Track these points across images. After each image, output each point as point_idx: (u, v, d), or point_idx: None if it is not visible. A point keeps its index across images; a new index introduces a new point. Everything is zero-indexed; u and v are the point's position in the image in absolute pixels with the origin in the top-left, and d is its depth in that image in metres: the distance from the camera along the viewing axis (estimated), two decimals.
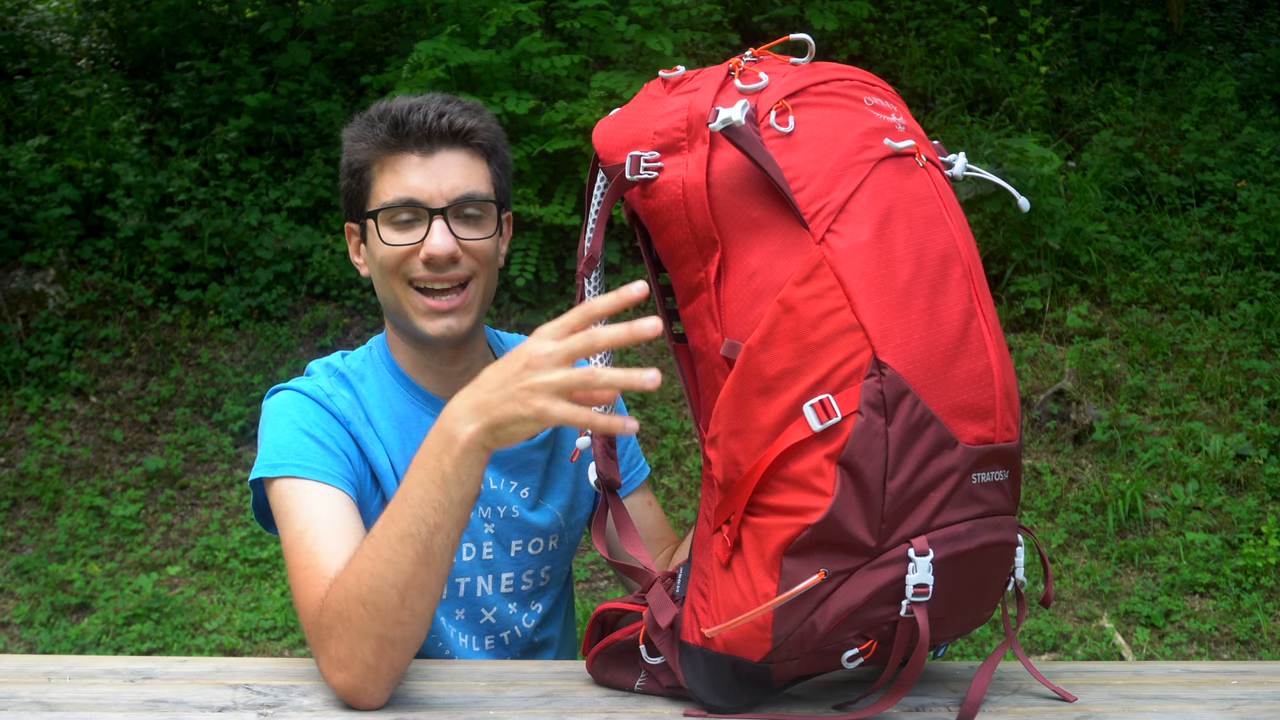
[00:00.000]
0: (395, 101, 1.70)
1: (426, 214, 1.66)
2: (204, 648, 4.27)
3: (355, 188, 1.72)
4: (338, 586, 1.40)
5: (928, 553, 1.24)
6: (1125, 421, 5.31)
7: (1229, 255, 6.32)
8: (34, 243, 5.97)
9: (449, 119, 1.67)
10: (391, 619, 1.36)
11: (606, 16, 6.03)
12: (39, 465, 5.22)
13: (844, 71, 1.38)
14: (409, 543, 1.35)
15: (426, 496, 1.35)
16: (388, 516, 1.38)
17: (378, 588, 1.36)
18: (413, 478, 1.37)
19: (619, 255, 6.16)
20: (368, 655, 1.36)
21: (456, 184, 1.67)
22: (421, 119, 1.66)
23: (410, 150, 1.67)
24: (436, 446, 1.35)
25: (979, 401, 1.27)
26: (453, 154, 1.68)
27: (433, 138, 1.67)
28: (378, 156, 1.68)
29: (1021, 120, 7.06)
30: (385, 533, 1.37)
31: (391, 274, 1.69)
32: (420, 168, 1.66)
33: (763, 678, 1.32)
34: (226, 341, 5.83)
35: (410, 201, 1.66)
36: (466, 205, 1.68)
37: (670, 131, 1.33)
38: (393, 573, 1.35)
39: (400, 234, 1.68)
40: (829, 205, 1.26)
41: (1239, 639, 4.29)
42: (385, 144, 1.67)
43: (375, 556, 1.37)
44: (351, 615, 1.37)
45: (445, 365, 1.76)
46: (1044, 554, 1.44)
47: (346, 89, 6.85)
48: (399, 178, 1.67)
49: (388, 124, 1.67)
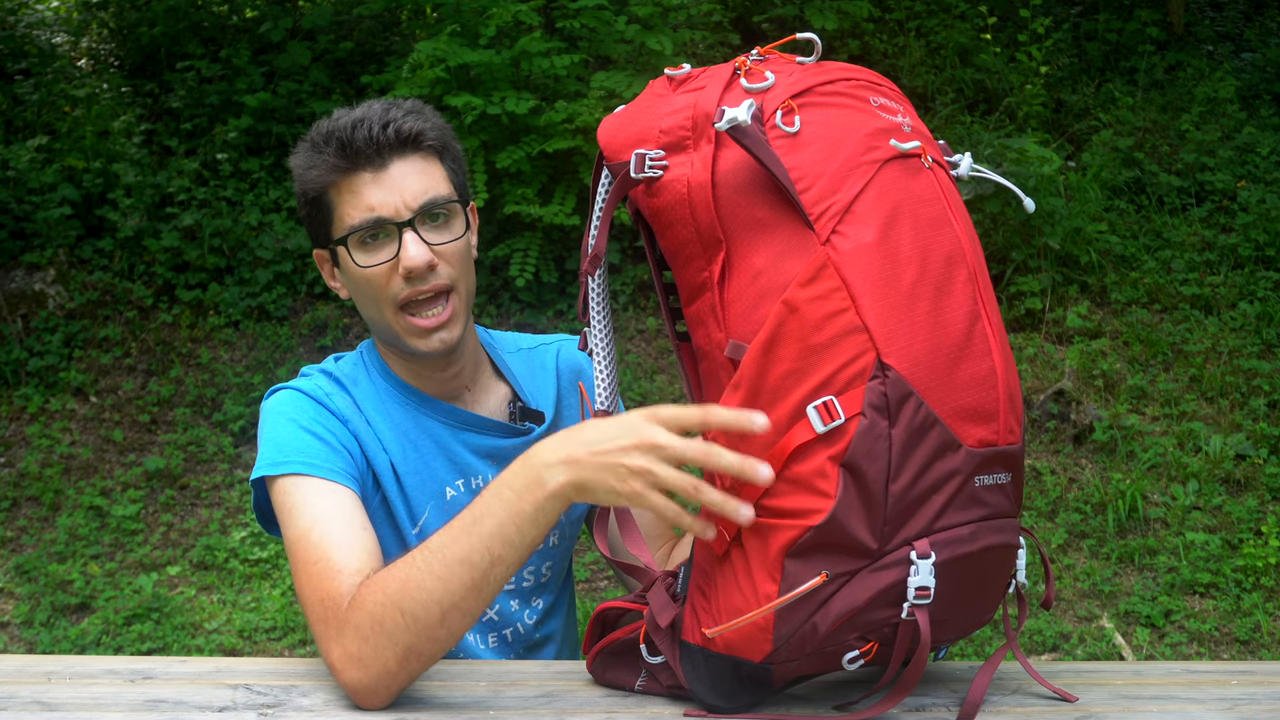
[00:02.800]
0: (336, 120, 1.67)
1: (395, 228, 1.64)
2: (204, 648, 4.27)
3: (316, 215, 1.70)
4: (375, 588, 1.38)
5: (930, 555, 1.24)
6: (1125, 421, 5.31)
7: (1229, 255, 6.33)
8: (34, 243, 5.97)
9: (395, 127, 1.64)
10: (427, 634, 1.36)
11: (606, 16, 6.03)
12: (39, 465, 5.22)
13: (850, 71, 1.38)
14: (466, 568, 1.34)
15: (499, 529, 1.34)
16: (450, 536, 1.36)
17: (423, 601, 1.35)
18: (486, 506, 1.35)
19: (619, 255, 6.15)
20: (391, 661, 1.36)
21: (417, 191, 1.65)
22: (368, 134, 1.63)
23: (362, 168, 1.64)
24: (519, 484, 1.34)
25: (982, 404, 1.27)
26: (406, 162, 1.65)
27: (383, 150, 1.64)
28: (332, 180, 1.66)
29: (1021, 120, 7.06)
30: (443, 552, 1.36)
31: (376, 298, 1.67)
32: (376, 183, 1.64)
33: (763, 678, 1.32)
34: (226, 341, 5.83)
35: (375, 220, 1.64)
36: (432, 210, 1.66)
37: (675, 130, 1.33)
38: (442, 591, 1.35)
39: (372, 254, 1.65)
40: (834, 206, 1.26)
41: (1239, 639, 4.29)
42: (336, 167, 1.65)
43: (428, 570, 1.35)
44: (386, 620, 1.36)
45: (437, 372, 1.76)
46: (1045, 556, 1.44)
47: (346, 89, 6.84)
48: (358, 198, 1.64)
49: (334, 146, 1.64)
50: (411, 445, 1.73)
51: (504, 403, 1.82)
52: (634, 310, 6.04)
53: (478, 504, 1.36)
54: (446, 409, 1.76)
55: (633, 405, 5.48)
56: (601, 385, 1.47)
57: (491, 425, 1.78)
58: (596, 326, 1.46)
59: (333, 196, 1.67)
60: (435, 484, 1.74)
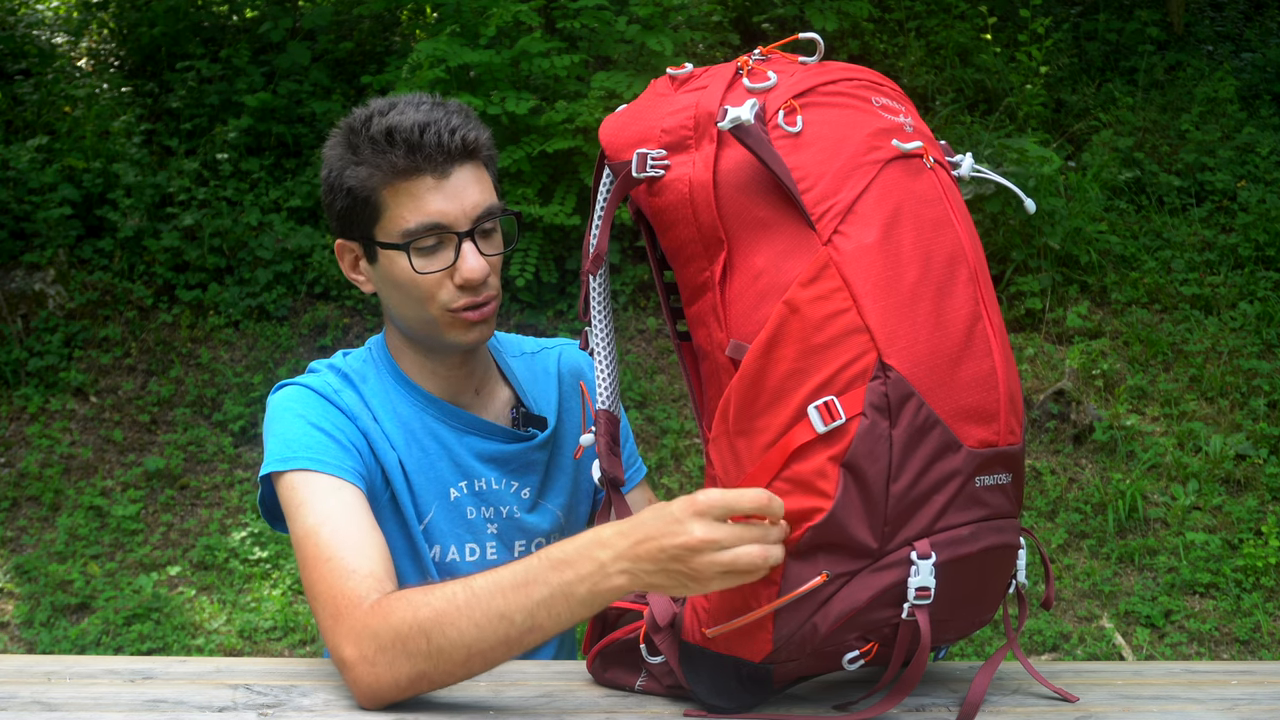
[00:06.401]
0: (397, 118, 1.63)
1: (455, 237, 1.63)
2: (204, 648, 4.27)
3: (359, 211, 1.66)
4: (407, 606, 1.37)
5: (930, 555, 1.24)
6: (1125, 421, 5.31)
7: (1229, 255, 6.33)
8: (34, 243, 5.97)
9: (462, 135, 1.62)
10: (445, 667, 1.36)
11: (606, 16, 6.02)
12: (39, 465, 5.22)
13: (852, 71, 1.38)
14: (505, 624, 1.33)
15: (548, 601, 1.32)
16: (496, 587, 1.34)
17: (452, 639, 1.34)
18: (540, 574, 1.33)
19: (619, 255, 6.15)
20: (403, 678, 1.36)
21: (476, 201, 1.64)
22: (437, 139, 1.61)
23: (426, 172, 1.62)
24: (583, 566, 1.31)
25: (983, 405, 1.27)
26: (466, 170, 1.64)
27: (451, 157, 1.62)
28: (389, 181, 1.63)
29: (1021, 120, 7.06)
30: (488, 601, 1.34)
31: (422, 299, 1.66)
32: (438, 190, 1.62)
33: (763, 678, 1.32)
34: (226, 341, 5.83)
35: (437, 226, 1.62)
36: (486, 221, 1.66)
37: (677, 129, 1.33)
38: (475, 637, 1.34)
39: (429, 260, 1.64)
40: (836, 206, 1.26)
41: (1239, 639, 4.29)
42: (398, 168, 1.62)
43: (466, 613, 1.34)
44: (410, 641, 1.35)
45: (452, 369, 1.76)
46: (1045, 556, 1.44)
47: (346, 89, 6.84)
48: (419, 202, 1.62)
49: (401, 147, 1.61)
50: (418, 444, 1.73)
51: (507, 407, 1.82)
52: (634, 310, 6.04)
53: (534, 566, 1.34)
54: (451, 411, 1.76)
55: (632, 405, 5.48)
56: (602, 385, 1.48)
57: (495, 430, 1.78)
58: (597, 326, 1.46)
59: (387, 197, 1.64)
60: (440, 484, 1.74)
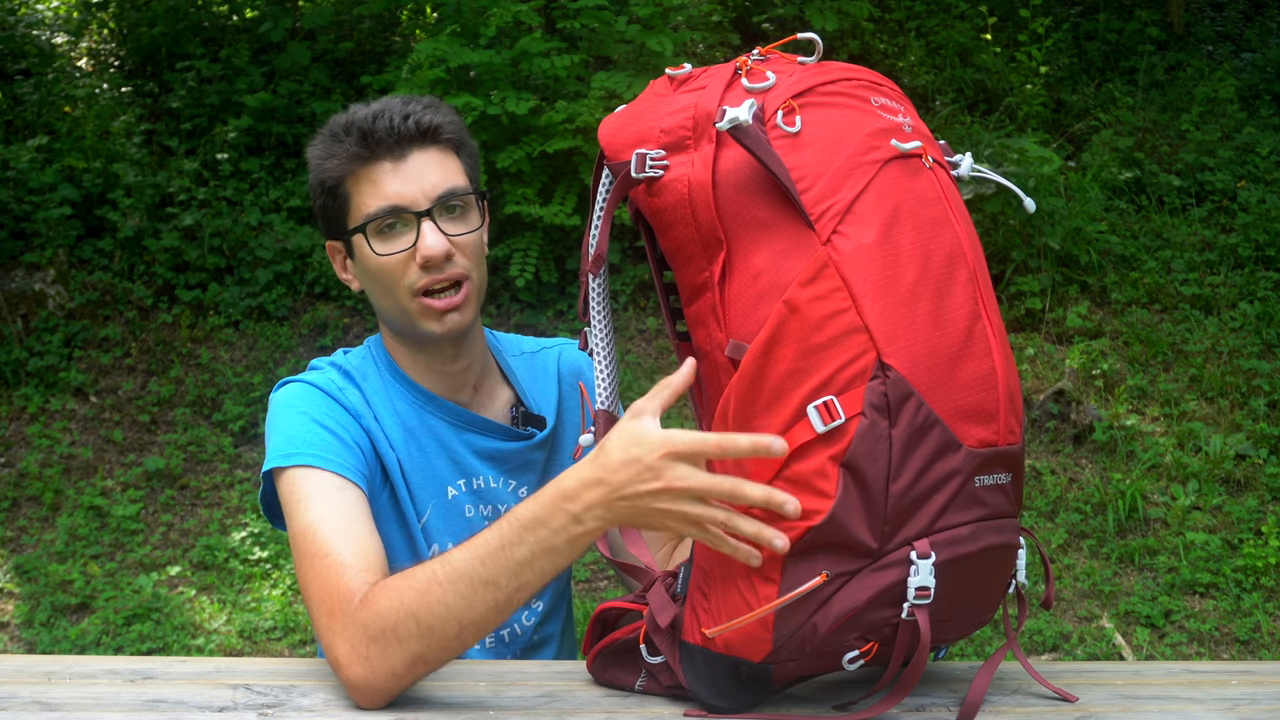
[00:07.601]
0: (355, 112, 1.69)
1: (413, 218, 1.66)
2: (204, 648, 4.27)
3: (332, 205, 1.71)
4: (391, 593, 1.38)
5: (930, 555, 1.24)
6: (1125, 421, 5.31)
7: (1229, 255, 6.33)
8: (34, 243, 5.97)
9: (415, 119, 1.66)
10: (440, 645, 1.36)
11: (606, 16, 6.03)
12: (39, 465, 5.22)
13: (851, 71, 1.37)
14: (492, 590, 1.34)
15: (530, 560, 1.33)
16: (475, 557, 1.35)
17: (441, 615, 1.35)
18: (515, 535, 1.34)
19: (619, 255, 6.15)
20: (398, 664, 1.36)
21: (436, 182, 1.67)
22: (389, 124, 1.65)
23: (383, 158, 1.66)
24: (556, 520, 1.32)
25: (983, 404, 1.27)
26: (425, 153, 1.68)
27: (403, 141, 1.66)
28: (351, 170, 1.68)
29: (1021, 120, 7.06)
30: (469, 570, 1.35)
31: (391, 286, 1.68)
32: (396, 173, 1.66)
33: (763, 678, 1.32)
34: (226, 341, 5.84)
35: (394, 208, 1.66)
36: (449, 200, 1.68)
37: (676, 130, 1.33)
38: (463, 608, 1.34)
39: (390, 243, 1.67)
40: (835, 206, 1.26)
41: (1239, 639, 4.29)
42: (356, 156, 1.67)
43: (450, 587, 1.35)
44: (399, 626, 1.36)
45: (446, 365, 1.76)
46: (1045, 556, 1.44)
47: (346, 89, 6.85)
48: (377, 187, 1.66)
49: (355, 136, 1.66)
50: (416, 443, 1.74)
51: (507, 406, 1.83)
52: (634, 310, 6.04)
53: (506, 529, 1.35)
54: (451, 408, 1.76)
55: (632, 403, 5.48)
56: (602, 385, 1.47)
57: (494, 428, 1.78)
58: (597, 326, 1.46)
59: (350, 186, 1.68)
60: (438, 482, 1.74)
